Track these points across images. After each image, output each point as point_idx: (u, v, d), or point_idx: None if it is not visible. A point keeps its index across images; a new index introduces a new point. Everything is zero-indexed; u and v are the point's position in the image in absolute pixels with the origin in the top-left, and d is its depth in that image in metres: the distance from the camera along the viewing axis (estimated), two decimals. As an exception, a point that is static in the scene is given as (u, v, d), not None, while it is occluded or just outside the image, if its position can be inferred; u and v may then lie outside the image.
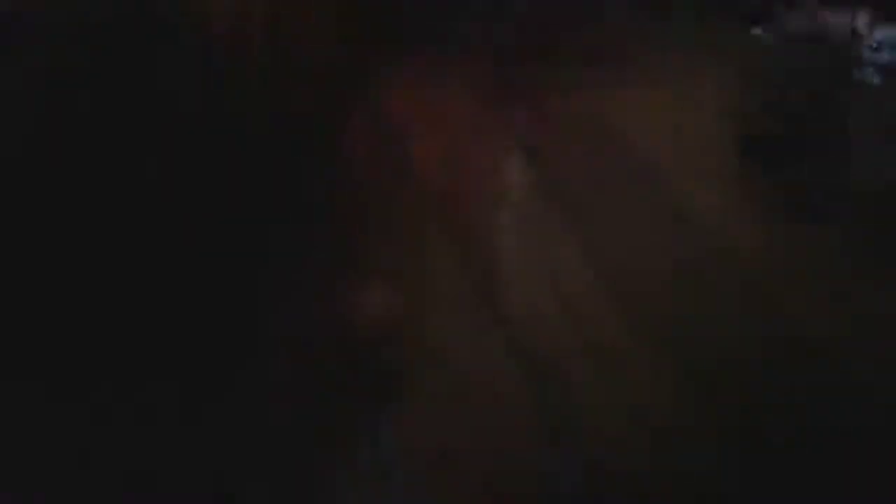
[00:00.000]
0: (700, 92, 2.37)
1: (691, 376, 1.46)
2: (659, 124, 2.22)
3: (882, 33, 2.35)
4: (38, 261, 1.66)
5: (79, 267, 1.66)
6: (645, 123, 2.22)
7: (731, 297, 1.65)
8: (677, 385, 1.44)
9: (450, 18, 2.61)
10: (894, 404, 1.41)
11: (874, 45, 2.36)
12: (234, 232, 1.82)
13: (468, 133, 2.23)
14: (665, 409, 1.40)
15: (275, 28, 2.04)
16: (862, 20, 2.36)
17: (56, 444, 1.38)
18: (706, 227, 1.83)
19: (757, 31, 2.49)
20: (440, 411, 1.40)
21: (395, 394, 1.44)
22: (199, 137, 1.84)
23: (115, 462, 1.33)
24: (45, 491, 1.34)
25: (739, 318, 1.59)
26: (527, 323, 1.59)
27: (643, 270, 1.71)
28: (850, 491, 1.26)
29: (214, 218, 1.83)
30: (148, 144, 1.79)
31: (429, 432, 1.36)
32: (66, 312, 1.58)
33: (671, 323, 1.57)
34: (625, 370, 1.47)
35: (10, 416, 1.45)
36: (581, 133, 2.20)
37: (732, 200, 1.98)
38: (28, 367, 1.52)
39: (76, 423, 1.39)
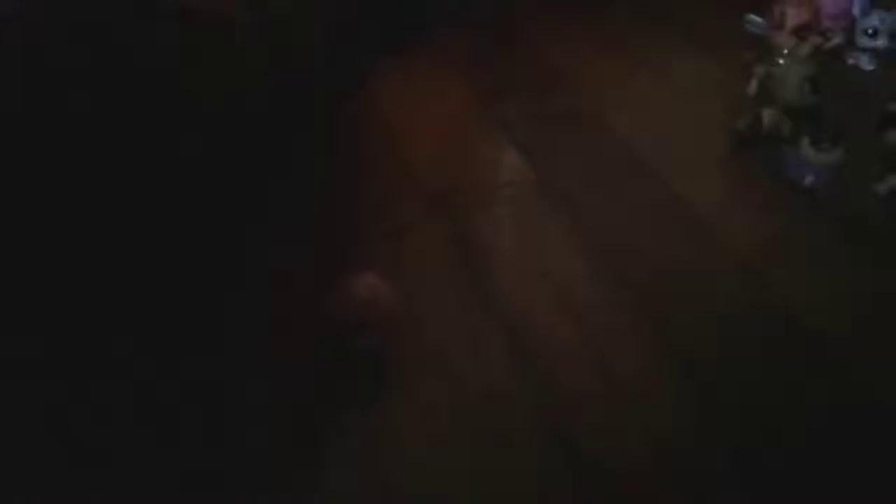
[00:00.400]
0: (697, 86, 2.37)
1: (691, 373, 1.46)
2: (656, 120, 2.21)
3: (877, 18, 2.35)
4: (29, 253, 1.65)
5: (74, 269, 1.65)
6: (642, 120, 2.21)
7: (730, 293, 1.65)
8: (677, 382, 1.44)
9: (446, 17, 2.60)
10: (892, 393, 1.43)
11: (870, 30, 2.35)
12: (228, 230, 1.82)
13: (464, 131, 2.22)
14: (665, 408, 1.40)
15: (271, 25, 2.02)
16: (858, 5, 2.36)
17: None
18: (704, 224, 1.83)
19: (753, 17, 2.49)
20: (437, 410, 1.40)
21: (390, 391, 1.45)
22: (194, 137, 1.83)
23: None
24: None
25: (740, 317, 1.60)
26: (522, 319, 1.59)
27: (643, 268, 1.71)
28: (850, 491, 1.27)
29: (209, 216, 1.83)
30: (144, 141, 1.78)
31: (426, 432, 1.36)
32: (50, 306, 1.57)
33: (671, 320, 1.57)
34: (625, 368, 1.47)
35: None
36: (578, 130, 2.19)
37: (730, 197, 1.98)
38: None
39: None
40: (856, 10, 2.36)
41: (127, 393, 1.44)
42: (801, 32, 1.96)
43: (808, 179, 1.91)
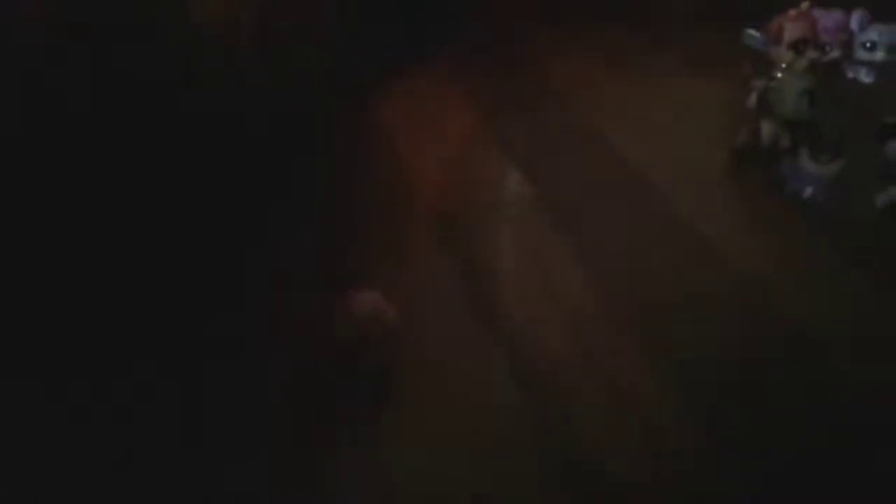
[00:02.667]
0: (697, 103, 2.38)
1: (692, 385, 1.47)
2: (657, 137, 2.22)
3: (875, 32, 2.36)
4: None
5: (73, 272, 1.66)
6: (642, 137, 2.22)
7: (731, 306, 1.66)
8: (679, 394, 1.45)
9: (447, 36, 2.62)
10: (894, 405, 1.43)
11: (868, 44, 2.37)
12: (227, 246, 1.82)
13: (465, 149, 2.24)
14: (666, 420, 1.40)
15: (272, 31, 2.04)
16: (856, 19, 2.37)
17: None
18: (705, 239, 1.84)
19: (751, 31, 2.51)
20: (438, 422, 1.40)
21: (391, 403, 1.45)
22: (196, 141, 1.83)
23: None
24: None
25: (739, 329, 1.60)
26: (524, 334, 1.60)
27: (644, 283, 1.71)
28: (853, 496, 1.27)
29: (208, 234, 1.83)
30: (144, 144, 1.79)
31: (427, 442, 1.37)
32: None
33: (673, 334, 1.58)
34: (626, 381, 1.48)
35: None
36: (579, 149, 2.20)
37: (731, 212, 1.99)
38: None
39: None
40: (854, 25, 2.37)
41: (125, 396, 1.44)
42: (798, 46, 1.97)
43: (808, 191, 1.92)
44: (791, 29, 1.98)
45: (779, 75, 2.01)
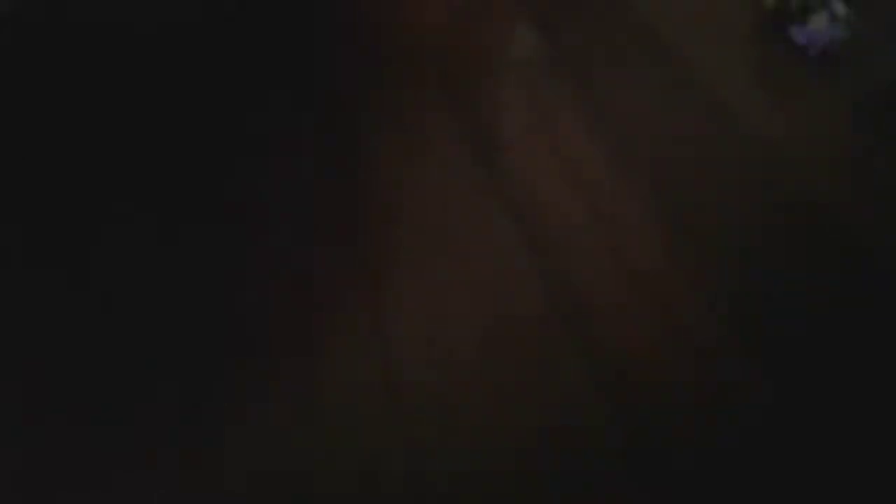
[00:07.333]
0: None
1: (705, 256, 1.45)
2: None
3: None
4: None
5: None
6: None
7: (751, 180, 1.62)
8: (691, 266, 1.43)
9: None
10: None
11: None
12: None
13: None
14: (677, 292, 1.39)
15: None
16: None
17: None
18: (725, 108, 1.79)
19: None
20: (442, 288, 1.39)
21: (394, 270, 1.42)
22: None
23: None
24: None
25: (761, 204, 1.57)
26: (533, 201, 1.56)
27: (658, 151, 1.67)
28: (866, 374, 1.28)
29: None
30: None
31: (431, 308, 1.36)
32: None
33: (686, 204, 1.55)
34: (637, 251, 1.46)
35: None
36: (599, 6, 2.10)
37: (753, 82, 1.90)
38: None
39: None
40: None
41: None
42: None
43: (814, 51, 1.87)
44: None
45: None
